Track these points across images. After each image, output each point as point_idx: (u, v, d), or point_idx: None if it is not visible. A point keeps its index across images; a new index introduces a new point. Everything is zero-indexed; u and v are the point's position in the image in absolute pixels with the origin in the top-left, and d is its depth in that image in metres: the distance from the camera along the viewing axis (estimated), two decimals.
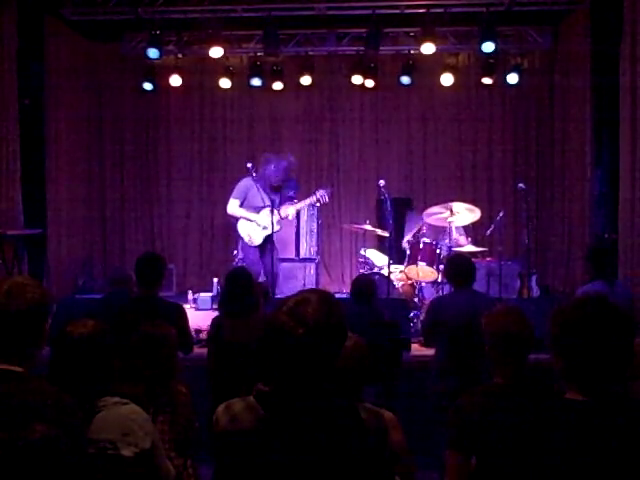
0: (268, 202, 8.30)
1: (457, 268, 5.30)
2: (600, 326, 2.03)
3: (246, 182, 8.49)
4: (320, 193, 8.70)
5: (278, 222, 8.31)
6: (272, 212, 8.15)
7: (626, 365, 2.05)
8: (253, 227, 8.41)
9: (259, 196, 8.31)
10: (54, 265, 9.67)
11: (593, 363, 2.03)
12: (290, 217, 8.77)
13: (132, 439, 2.63)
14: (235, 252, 9.20)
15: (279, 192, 8.61)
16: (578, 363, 2.05)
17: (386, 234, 8.33)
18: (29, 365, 2.44)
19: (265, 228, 8.36)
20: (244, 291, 4.81)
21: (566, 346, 2.07)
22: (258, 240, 8.40)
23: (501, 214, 8.59)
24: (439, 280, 8.17)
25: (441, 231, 8.93)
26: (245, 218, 8.44)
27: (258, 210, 8.39)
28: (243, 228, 8.47)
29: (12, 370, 2.38)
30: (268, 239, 8.39)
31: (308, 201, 8.81)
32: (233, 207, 8.49)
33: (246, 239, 8.45)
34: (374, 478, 2.09)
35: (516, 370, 3.02)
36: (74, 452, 2.32)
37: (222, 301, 5.05)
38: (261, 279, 8.01)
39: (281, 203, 8.59)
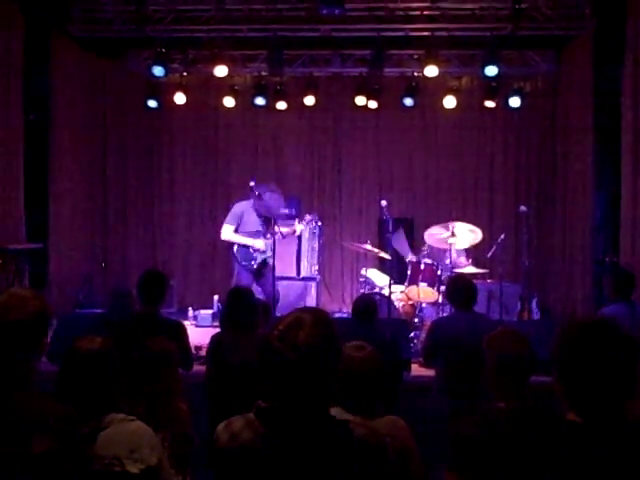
0: (263, 227, 8.35)
1: (459, 290, 5.30)
2: (602, 350, 2.02)
3: (241, 206, 8.48)
4: (308, 219, 8.85)
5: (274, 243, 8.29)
6: (273, 234, 8.10)
7: (629, 390, 2.05)
8: (250, 252, 8.37)
9: (255, 221, 8.32)
10: (55, 279, 9.67)
11: (593, 387, 2.02)
12: (297, 232, 8.84)
13: (138, 455, 2.63)
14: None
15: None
16: (578, 386, 2.04)
17: (388, 257, 8.33)
18: (28, 377, 2.44)
19: (263, 252, 8.33)
20: (245, 309, 4.81)
21: (566, 369, 2.07)
22: (255, 265, 8.37)
23: (502, 236, 8.60)
24: (440, 301, 8.17)
25: (442, 252, 8.94)
26: (241, 244, 8.39)
27: (254, 236, 8.37)
28: (240, 253, 8.41)
29: (14, 383, 2.38)
30: (264, 263, 8.37)
31: (301, 226, 8.92)
32: (228, 233, 8.41)
33: (245, 263, 8.37)
34: None
35: (517, 393, 3.02)
36: (76, 467, 2.31)
37: (223, 318, 5.05)
38: None
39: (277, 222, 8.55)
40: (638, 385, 2.06)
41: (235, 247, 8.43)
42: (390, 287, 7.91)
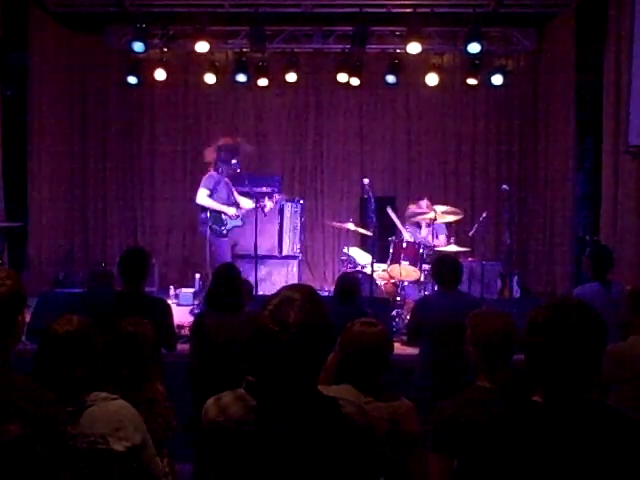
0: (233, 198, 8.33)
1: (444, 269, 5.30)
2: (568, 331, 2.00)
3: (215, 174, 8.42)
4: (276, 198, 8.95)
5: (243, 216, 8.32)
6: (257, 203, 8.13)
7: (593, 372, 2.03)
8: (221, 217, 8.33)
9: (225, 191, 8.28)
10: (35, 258, 9.60)
11: (555, 367, 2.01)
12: (267, 208, 8.79)
13: (123, 434, 2.62)
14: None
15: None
16: (540, 366, 2.04)
17: (369, 233, 8.32)
18: (4, 358, 2.40)
19: (235, 219, 8.32)
20: (231, 288, 4.76)
21: (530, 348, 2.06)
22: (225, 230, 8.35)
23: (484, 215, 8.61)
24: (422, 279, 8.18)
25: (422, 230, 8.96)
26: (214, 209, 8.32)
27: (225, 205, 8.36)
28: (212, 217, 8.34)
29: None
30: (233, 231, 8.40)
31: (270, 204, 8.88)
32: (203, 197, 8.32)
33: (215, 227, 8.30)
34: (358, 472, 2.09)
35: (500, 373, 3.02)
36: (53, 450, 2.29)
37: (208, 296, 5.00)
38: None
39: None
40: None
41: (208, 212, 8.35)
42: (372, 265, 7.91)
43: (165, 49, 10.63)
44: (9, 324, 2.41)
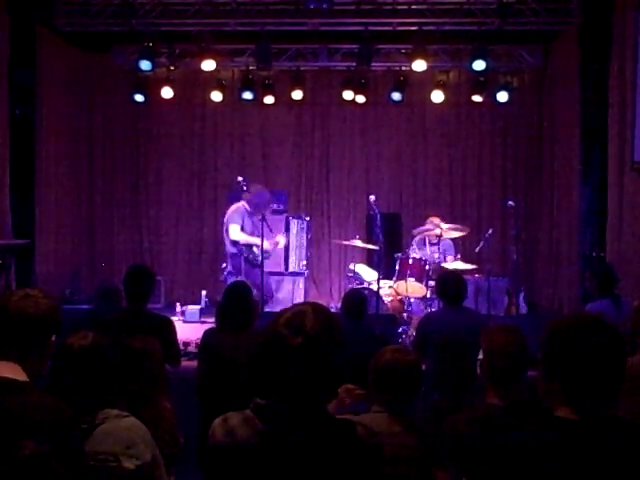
0: (256, 230, 8.27)
1: (449, 285, 5.31)
2: (599, 346, 2.02)
3: (241, 208, 8.33)
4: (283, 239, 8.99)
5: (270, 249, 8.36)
6: (262, 236, 8.05)
7: (620, 385, 2.06)
8: (252, 250, 8.27)
9: (250, 222, 8.26)
10: (41, 276, 9.61)
11: (591, 383, 2.02)
12: (280, 245, 8.85)
13: (134, 452, 2.62)
14: (224, 265, 9.10)
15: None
16: (576, 383, 2.04)
17: (376, 247, 8.32)
18: (34, 374, 2.44)
19: (266, 253, 8.22)
20: (243, 306, 4.76)
21: (564, 365, 2.06)
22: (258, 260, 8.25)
23: (490, 231, 8.61)
24: (428, 296, 8.17)
25: (429, 247, 8.96)
26: (248, 243, 8.23)
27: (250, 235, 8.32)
28: (244, 248, 8.27)
29: (15, 380, 2.37)
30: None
31: (283, 239, 8.89)
32: (237, 233, 8.21)
33: (251, 257, 8.24)
34: None
35: (511, 390, 3.00)
36: (69, 468, 2.29)
37: (219, 313, 4.99)
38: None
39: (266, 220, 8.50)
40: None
41: (241, 245, 8.26)
42: (379, 282, 7.90)
43: (172, 67, 10.71)
44: (45, 340, 2.46)
